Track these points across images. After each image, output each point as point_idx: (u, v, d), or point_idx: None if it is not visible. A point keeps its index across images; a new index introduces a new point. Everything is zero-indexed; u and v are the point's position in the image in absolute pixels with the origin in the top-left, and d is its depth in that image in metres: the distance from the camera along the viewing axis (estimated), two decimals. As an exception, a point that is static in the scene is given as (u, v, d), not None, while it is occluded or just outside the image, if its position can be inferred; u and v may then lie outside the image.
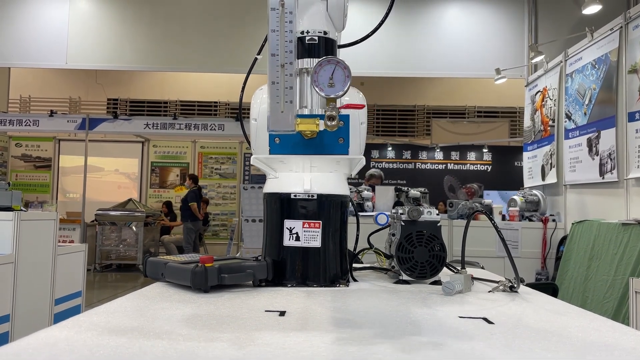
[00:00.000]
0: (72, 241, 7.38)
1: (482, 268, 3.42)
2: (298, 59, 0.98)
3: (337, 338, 0.80)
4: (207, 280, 1.13)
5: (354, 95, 1.37)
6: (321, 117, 1.00)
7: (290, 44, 0.87)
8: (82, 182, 8.84)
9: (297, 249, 1.30)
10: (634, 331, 0.88)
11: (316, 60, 0.98)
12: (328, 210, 1.32)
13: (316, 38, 0.99)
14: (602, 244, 3.88)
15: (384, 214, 1.52)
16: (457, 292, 1.21)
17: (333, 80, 0.91)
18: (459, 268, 1.44)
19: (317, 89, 0.90)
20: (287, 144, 0.95)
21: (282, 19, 0.86)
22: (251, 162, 1.04)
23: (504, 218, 5.38)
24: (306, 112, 0.98)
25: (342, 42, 1.25)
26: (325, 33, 0.99)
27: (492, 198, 7.09)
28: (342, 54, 1.44)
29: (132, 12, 6.94)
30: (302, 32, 0.99)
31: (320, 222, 1.30)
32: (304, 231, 1.30)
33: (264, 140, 1.45)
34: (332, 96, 0.92)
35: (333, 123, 0.91)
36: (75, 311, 3.72)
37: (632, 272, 3.34)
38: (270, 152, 0.97)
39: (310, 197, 1.30)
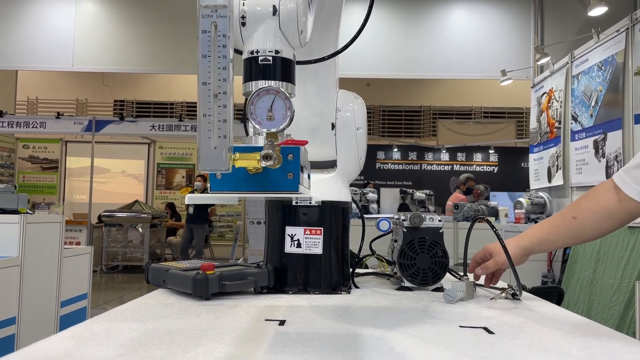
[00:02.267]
0: (78, 243, 7.42)
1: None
2: (252, 80, 0.89)
3: (336, 350, 0.79)
4: (208, 288, 1.13)
5: (352, 100, 1.37)
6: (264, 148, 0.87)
7: (224, 71, 0.75)
8: (88, 183, 8.89)
9: (298, 255, 1.30)
10: (636, 342, 0.87)
11: (272, 82, 0.89)
12: (330, 216, 1.32)
13: (270, 58, 0.89)
14: (608, 247, 3.85)
15: (386, 220, 1.52)
16: (458, 300, 1.20)
17: (272, 113, 0.80)
18: (462, 274, 1.44)
19: (254, 122, 0.81)
20: (229, 179, 0.83)
21: (214, 42, 0.75)
22: (186, 202, 0.96)
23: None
24: (260, 141, 0.87)
25: (342, 44, 1.23)
26: (277, 52, 0.89)
27: (500, 199, 7.06)
28: (344, 55, 1.43)
29: (138, 14, 6.97)
30: (252, 52, 0.90)
31: (322, 228, 1.30)
32: (306, 238, 1.30)
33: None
34: (271, 131, 0.81)
35: (269, 163, 0.79)
36: (81, 313, 3.74)
37: (638, 276, 3.32)
38: (211, 189, 0.85)
39: (311, 204, 1.30)
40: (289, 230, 1.30)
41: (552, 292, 3.21)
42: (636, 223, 3.63)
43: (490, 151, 10.49)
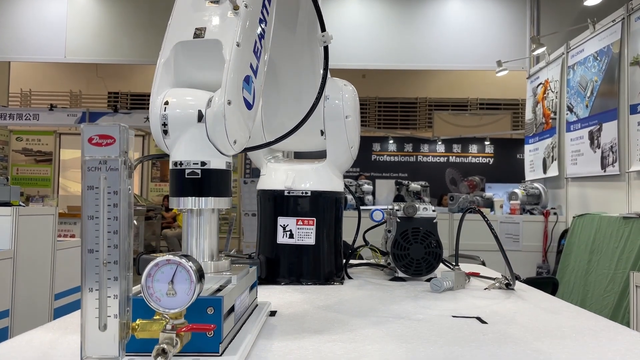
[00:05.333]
0: (73, 235, 7.39)
1: (483, 262, 3.39)
2: (182, 196, 0.77)
3: (326, 341, 0.78)
4: (198, 279, 1.12)
5: (341, 87, 1.35)
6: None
7: (115, 235, 0.61)
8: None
9: (291, 246, 1.28)
10: (629, 331, 0.87)
11: (202, 200, 0.77)
12: (322, 207, 1.31)
13: (198, 172, 0.76)
14: (603, 238, 3.86)
15: (380, 210, 1.51)
16: (446, 289, 1.20)
17: (174, 287, 0.63)
18: (454, 264, 1.44)
19: (150, 299, 0.62)
20: (138, 341, 0.64)
21: (103, 201, 0.62)
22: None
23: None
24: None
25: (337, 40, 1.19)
26: (203, 164, 0.77)
27: (496, 190, 7.07)
28: (340, 46, 1.41)
29: (131, 5, 6.91)
30: (176, 164, 0.77)
31: (314, 219, 1.29)
32: (298, 228, 1.29)
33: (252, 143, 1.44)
34: (171, 312, 0.62)
35: None
36: (75, 306, 3.73)
37: (632, 266, 3.32)
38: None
39: (304, 194, 1.29)
40: (281, 220, 1.29)
41: (546, 282, 3.21)
42: (630, 213, 3.63)
43: (486, 143, 10.49)
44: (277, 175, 1.32)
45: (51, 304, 3.43)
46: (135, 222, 8.81)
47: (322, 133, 1.33)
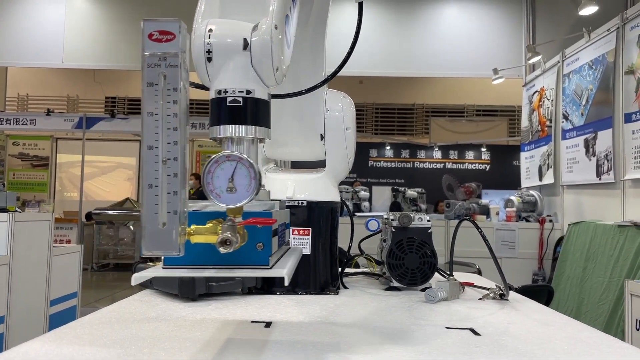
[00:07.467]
0: (69, 241, 7.37)
1: (478, 269, 3.39)
2: (221, 125, 0.77)
3: (319, 352, 0.79)
4: (194, 289, 1.13)
5: (341, 100, 1.36)
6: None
7: (174, 132, 0.63)
8: (79, 181, 8.83)
9: (286, 256, 1.29)
10: (620, 343, 0.88)
11: (242, 127, 0.76)
12: (318, 217, 1.32)
13: (240, 100, 0.76)
14: (598, 246, 3.88)
15: (375, 220, 1.52)
16: (440, 300, 1.20)
17: (234, 184, 0.66)
18: (449, 273, 1.44)
19: (211, 195, 0.66)
20: (187, 251, 0.67)
21: (163, 97, 0.63)
22: (132, 283, 0.73)
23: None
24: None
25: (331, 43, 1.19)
26: (248, 92, 0.76)
27: (492, 197, 7.10)
28: (337, 52, 1.42)
29: (129, 10, 6.93)
30: (220, 92, 0.77)
31: (310, 229, 1.30)
32: (294, 238, 1.30)
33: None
34: (231, 206, 0.66)
35: (227, 250, 0.66)
36: (70, 312, 3.72)
37: (627, 274, 3.34)
38: (165, 263, 0.71)
39: (299, 204, 1.30)
40: (277, 230, 1.30)
41: (542, 290, 3.22)
42: (625, 222, 3.65)
43: (483, 149, 10.51)
44: (275, 185, 1.33)
45: (47, 310, 3.42)
46: (132, 227, 8.79)
47: (322, 137, 1.34)
